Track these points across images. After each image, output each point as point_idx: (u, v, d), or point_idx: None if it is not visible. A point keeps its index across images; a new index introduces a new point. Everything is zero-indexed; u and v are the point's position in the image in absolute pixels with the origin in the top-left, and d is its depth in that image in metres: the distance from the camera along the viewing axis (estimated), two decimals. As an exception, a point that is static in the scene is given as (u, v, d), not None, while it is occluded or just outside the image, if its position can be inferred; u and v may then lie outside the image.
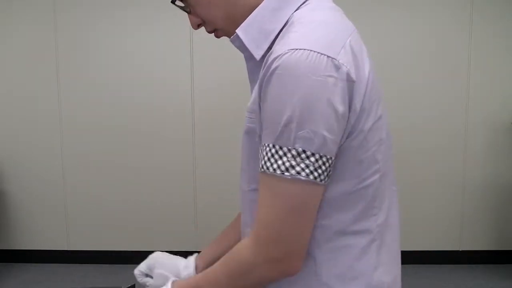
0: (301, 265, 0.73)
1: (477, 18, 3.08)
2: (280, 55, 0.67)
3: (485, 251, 3.25)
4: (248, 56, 0.79)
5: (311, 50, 0.66)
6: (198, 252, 1.06)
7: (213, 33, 0.85)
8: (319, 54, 0.66)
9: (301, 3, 0.76)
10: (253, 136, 0.75)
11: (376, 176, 0.76)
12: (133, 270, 1.04)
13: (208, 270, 0.81)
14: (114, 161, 3.25)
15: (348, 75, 0.68)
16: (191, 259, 1.04)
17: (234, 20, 0.79)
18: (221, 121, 3.16)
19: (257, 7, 0.77)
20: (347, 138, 0.71)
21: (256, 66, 0.78)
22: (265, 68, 0.70)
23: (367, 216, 0.77)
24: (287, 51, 0.67)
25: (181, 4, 0.82)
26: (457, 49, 3.11)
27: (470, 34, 3.10)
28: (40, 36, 3.18)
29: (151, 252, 1.05)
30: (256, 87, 0.74)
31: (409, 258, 0.87)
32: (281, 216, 0.70)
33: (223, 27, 0.82)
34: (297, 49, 0.67)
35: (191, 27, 0.86)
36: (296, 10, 0.75)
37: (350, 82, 0.68)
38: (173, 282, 0.87)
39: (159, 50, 3.16)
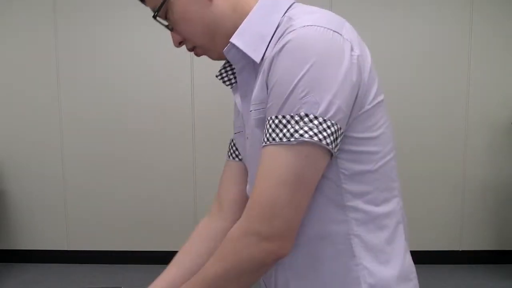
0: (290, 247, 0.70)
1: (477, 18, 3.08)
2: (291, 31, 0.70)
3: (485, 251, 3.25)
4: (242, 67, 0.80)
5: (318, 26, 0.70)
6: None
7: (193, 51, 0.86)
8: (326, 29, 0.70)
9: (288, 7, 0.78)
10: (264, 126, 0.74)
11: (393, 154, 0.78)
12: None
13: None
14: (114, 161, 3.25)
15: (352, 48, 0.71)
16: None
17: (214, 38, 0.81)
18: (221, 121, 3.16)
19: (240, 24, 0.78)
20: (359, 111, 0.72)
21: (251, 75, 0.79)
22: (274, 48, 0.71)
23: (392, 197, 0.78)
24: (297, 28, 0.70)
25: (164, 22, 0.83)
26: (457, 49, 3.11)
27: (470, 34, 3.10)
28: (40, 36, 3.18)
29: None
30: (261, 74, 0.74)
31: (409, 258, 0.87)
32: (279, 188, 0.67)
33: (203, 45, 0.83)
34: (306, 26, 0.70)
35: None
36: (284, 14, 0.77)
37: (356, 56, 0.71)
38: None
39: (159, 49, 3.16)
